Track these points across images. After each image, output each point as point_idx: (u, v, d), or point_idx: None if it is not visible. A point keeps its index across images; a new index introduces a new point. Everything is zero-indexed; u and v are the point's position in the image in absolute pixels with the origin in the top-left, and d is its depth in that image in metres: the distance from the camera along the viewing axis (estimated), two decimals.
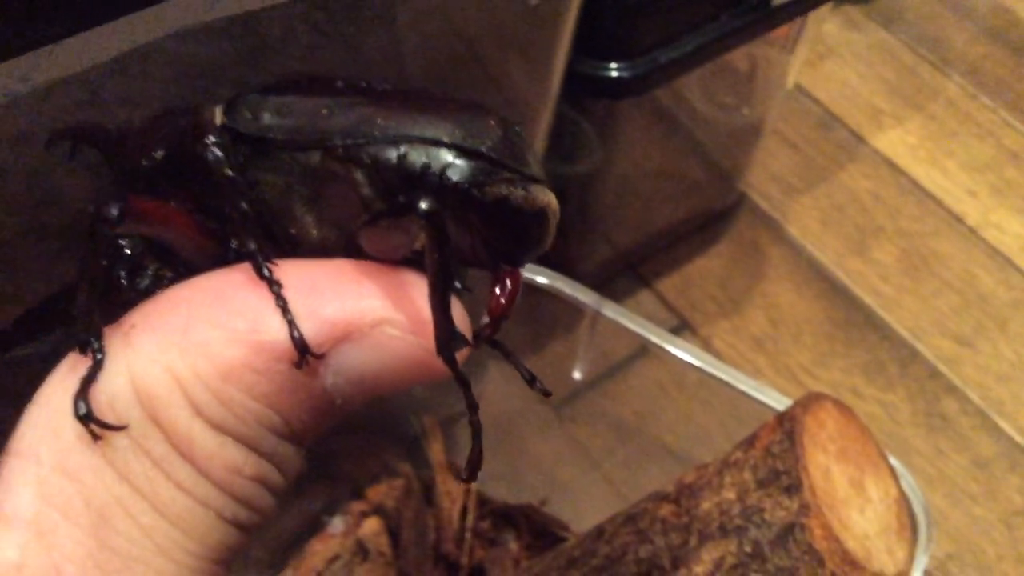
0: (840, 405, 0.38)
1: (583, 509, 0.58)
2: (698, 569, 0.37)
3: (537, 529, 0.56)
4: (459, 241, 0.20)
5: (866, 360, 0.73)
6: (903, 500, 0.38)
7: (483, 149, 0.20)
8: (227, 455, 0.19)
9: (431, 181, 0.20)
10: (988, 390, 0.72)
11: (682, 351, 0.52)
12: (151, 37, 0.28)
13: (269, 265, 0.19)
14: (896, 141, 0.87)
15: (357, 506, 0.55)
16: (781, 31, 0.63)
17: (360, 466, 0.56)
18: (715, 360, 0.52)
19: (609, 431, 0.62)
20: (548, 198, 0.21)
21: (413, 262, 0.20)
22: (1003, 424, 0.70)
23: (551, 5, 0.41)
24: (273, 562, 0.53)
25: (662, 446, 0.61)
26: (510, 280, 0.21)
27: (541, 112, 0.50)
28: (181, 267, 0.21)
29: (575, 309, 0.53)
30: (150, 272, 0.21)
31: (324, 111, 0.21)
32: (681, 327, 0.75)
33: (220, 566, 0.19)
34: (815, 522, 0.35)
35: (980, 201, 0.84)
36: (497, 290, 0.21)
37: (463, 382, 0.20)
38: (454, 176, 0.20)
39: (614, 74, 0.54)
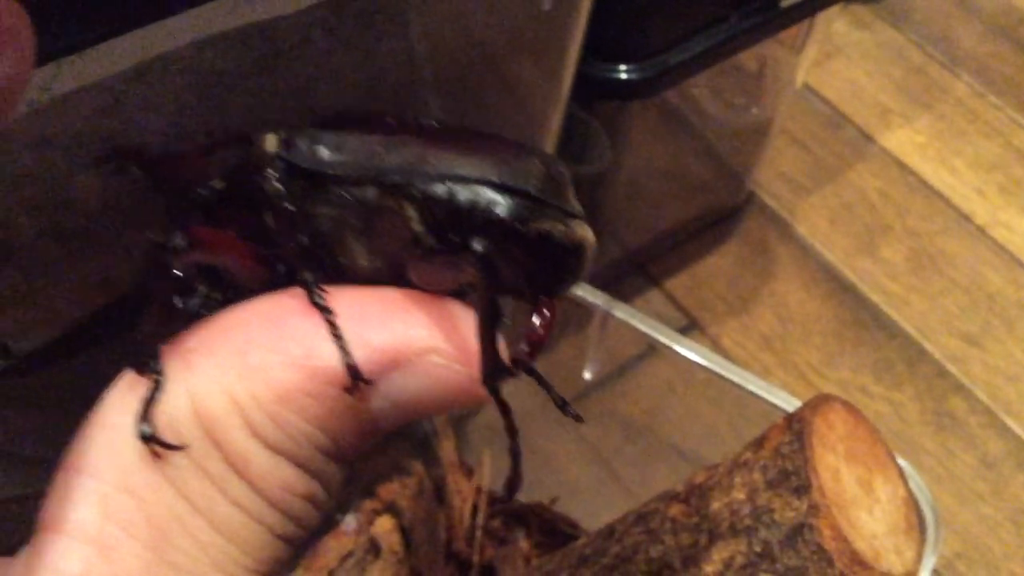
0: (849, 406, 0.38)
1: (593, 507, 0.58)
2: (708, 568, 0.37)
3: (547, 527, 0.57)
4: (501, 273, 0.21)
5: (874, 359, 0.74)
6: (911, 500, 0.38)
7: (528, 188, 0.21)
8: (281, 474, 0.19)
9: (479, 218, 0.21)
10: (996, 389, 0.72)
11: (690, 351, 0.52)
12: (170, 46, 0.29)
13: (322, 293, 0.20)
14: (904, 140, 0.88)
15: (369, 504, 0.55)
16: (790, 31, 0.64)
17: (372, 465, 0.56)
18: (723, 360, 0.52)
19: (618, 430, 0.62)
20: (586, 233, 0.22)
21: (457, 293, 0.21)
22: (1011, 423, 0.71)
23: (563, 9, 0.41)
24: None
25: (671, 445, 0.61)
26: (547, 310, 0.22)
27: (552, 114, 0.50)
28: (228, 289, 0.22)
29: (585, 310, 0.54)
30: (200, 294, 0.21)
31: (379, 149, 0.21)
32: (690, 326, 0.75)
33: None
34: (824, 522, 0.35)
35: (988, 200, 0.84)
36: (536, 319, 0.21)
37: (506, 409, 0.21)
38: (501, 213, 0.21)
39: (624, 76, 0.54)
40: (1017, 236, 0.81)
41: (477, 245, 0.19)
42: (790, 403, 0.49)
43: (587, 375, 0.59)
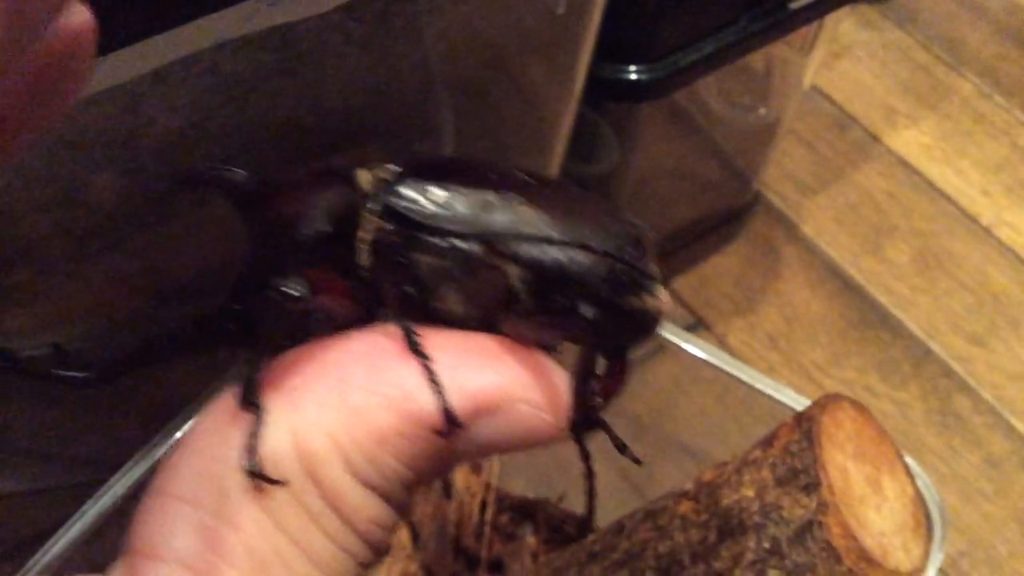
0: (857, 405, 0.39)
1: (600, 503, 0.58)
2: (717, 565, 0.38)
3: (555, 524, 0.58)
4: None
5: (880, 359, 0.74)
6: (919, 499, 0.39)
7: (624, 256, 0.23)
8: (370, 508, 0.20)
9: (580, 284, 0.22)
10: (1001, 389, 0.73)
11: (698, 349, 0.53)
12: (192, 49, 0.29)
13: (419, 338, 0.21)
14: (910, 141, 0.88)
15: None
16: (799, 32, 0.64)
17: None
18: (730, 358, 0.53)
19: (626, 427, 0.62)
20: (665, 298, 0.23)
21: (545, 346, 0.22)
22: (1015, 422, 0.71)
23: (576, 12, 0.42)
24: None
25: (678, 442, 0.62)
26: (621, 363, 0.23)
27: (563, 114, 0.51)
28: (313, 321, 0.22)
29: None
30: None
31: (485, 205, 0.22)
32: (696, 325, 0.76)
33: None
34: (833, 520, 0.35)
35: (994, 200, 0.84)
36: (611, 373, 0.23)
37: (587, 455, 0.23)
38: (600, 283, 0.22)
39: (633, 77, 0.54)
40: (1022, 236, 0.82)
41: (586, 311, 0.21)
42: (797, 402, 0.49)
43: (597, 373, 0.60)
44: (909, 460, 0.40)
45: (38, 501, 0.52)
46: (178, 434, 0.44)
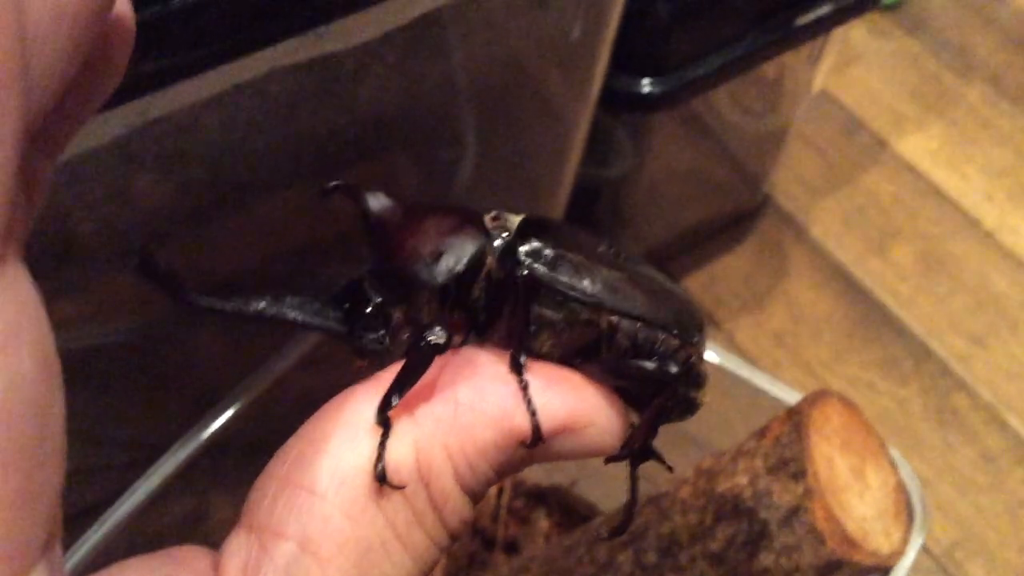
0: (845, 401, 0.42)
1: (609, 491, 0.61)
2: (713, 545, 0.41)
3: (567, 509, 0.61)
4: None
5: (882, 356, 0.77)
6: (901, 488, 0.42)
7: (693, 342, 0.28)
8: (463, 509, 0.24)
9: (657, 356, 0.27)
10: (998, 387, 0.75)
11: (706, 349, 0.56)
12: (246, 77, 0.33)
13: (523, 367, 0.25)
14: (917, 146, 0.90)
15: None
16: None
17: None
18: (735, 358, 0.56)
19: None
20: (709, 397, 0.28)
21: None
22: (1011, 420, 0.74)
23: (590, 34, 0.45)
24: None
25: (685, 433, 0.64)
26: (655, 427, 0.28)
27: (579, 123, 0.54)
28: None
29: None
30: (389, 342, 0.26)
31: (598, 280, 0.27)
32: (706, 322, 0.78)
33: None
34: (818, 505, 0.39)
35: (997, 205, 0.87)
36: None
37: (636, 479, 0.28)
38: (672, 362, 0.27)
39: (646, 89, 0.57)
40: None
41: (673, 369, 0.25)
42: (795, 397, 0.52)
43: None
44: (894, 451, 0.43)
45: (85, 480, 0.55)
46: (217, 422, 0.47)
